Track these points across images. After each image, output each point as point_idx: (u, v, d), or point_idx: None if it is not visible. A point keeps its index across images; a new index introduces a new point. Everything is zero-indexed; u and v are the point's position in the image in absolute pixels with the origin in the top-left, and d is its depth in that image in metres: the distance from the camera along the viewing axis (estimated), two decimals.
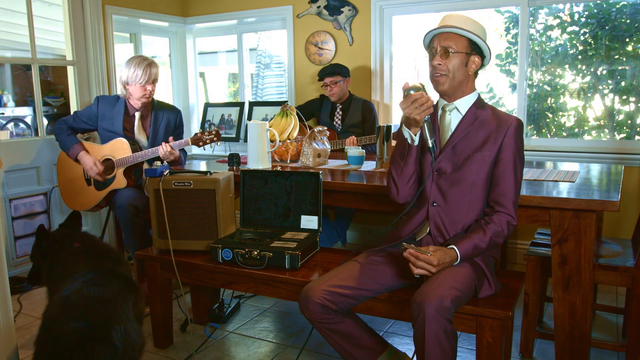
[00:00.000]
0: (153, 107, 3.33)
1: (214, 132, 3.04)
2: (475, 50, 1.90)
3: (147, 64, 3.15)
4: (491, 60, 1.99)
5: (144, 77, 3.13)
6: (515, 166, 1.89)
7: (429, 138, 1.87)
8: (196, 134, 3.05)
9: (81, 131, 3.36)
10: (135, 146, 3.17)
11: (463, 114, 1.94)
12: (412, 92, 1.81)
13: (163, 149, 3.04)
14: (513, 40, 4.07)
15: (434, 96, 1.95)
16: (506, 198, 1.88)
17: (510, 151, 1.88)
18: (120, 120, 3.24)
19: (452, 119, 1.96)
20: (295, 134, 3.20)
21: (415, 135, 1.88)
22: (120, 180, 3.15)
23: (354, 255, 2.08)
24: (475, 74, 1.97)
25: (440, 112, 1.99)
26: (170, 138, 3.12)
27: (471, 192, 1.91)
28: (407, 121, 1.85)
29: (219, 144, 3.09)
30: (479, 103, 1.95)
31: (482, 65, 1.95)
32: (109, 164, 3.19)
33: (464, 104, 1.94)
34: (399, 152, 1.95)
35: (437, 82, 1.91)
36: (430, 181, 1.95)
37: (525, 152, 3.78)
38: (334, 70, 3.74)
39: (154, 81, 3.18)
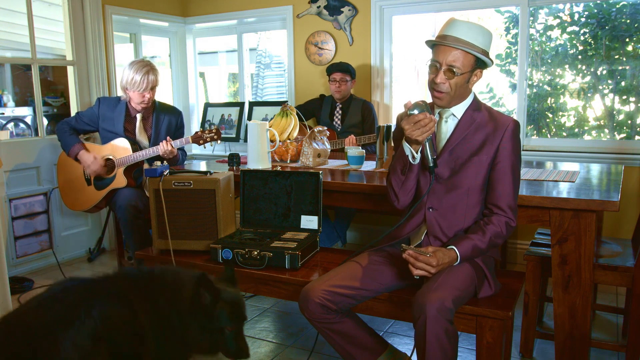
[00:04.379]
0: (155, 109, 3.33)
1: (214, 131, 3.05)
2: (480, 65, 1.86)
3: (146, 71, 3.11)
4: (492, 64, 1.96)
5: (142, 84, 3.11)
6: (512, 168, 1.88)
7: (430, 157, 1.85)
8: (197, 132, 3.07)
9: (83, 132, 3.37)
10: (136, 147, 3.18)
11: (459, 118, 1.93)
12: (415, 111, 1.78)
13: (163, 147, 3.06)
14: (513, 40, 4.07)
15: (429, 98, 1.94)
16: (504, 201, 1.87)
17: (508, 154, 1.87)
18: (121, 122, 3.24)
19: (449, 124, 1.95)
20: (295, 134, 3.20)
21: (417, 152, 1.86)
22: (120, 180, 3.15)
23: (354, 256, 2.08)
24: None
25: (437, 117, 1.97)
26: (168, 138, 3.13)
27: (468, 196, 1.91)
28: (409, 139, 1.83)
29: (219, 142, 3.10)
30: (475, 105, 1.94)
31: None
32: (109, 164, 3.19)
33: (460, 108, 1.93)
34: (400, 166, 1.92)
35: (437, 98, 1.88)
36: (426, 184, 1.95)
37: (525, 152, 3.81)
38: (347, 68, 3.75)
39: (152, 88, 3.16)
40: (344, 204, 2.56)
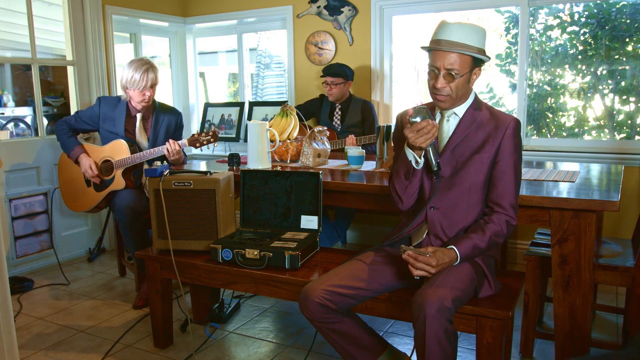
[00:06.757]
0: (154, 109, 3.32)
1: (210, 134, 3.01)
2: (478, 63, 1.86)
3: (145, 69, 3.09)
4: (490, 60, 1.97)
5: (142, 82, 3.09)
6: (514, 167, 1.88)
7: (433, 161, 1.85)
8: (193, 135, 3.03)
9: (82, 131, 3.35)
10: (134, 147, 3.17)
11: (460, 117, 1.93)
12: (418, 118, 1.79)
13: (171, 147, 3.04)
14: (513, 40, 4.07)
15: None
16: (505, 199, 1.88)
17: (509, 152, 1.87)
18: (122, 122, 3.23)
19: (451, 123, 1.95)
20: (295, 134, 3.20)
21: (420, 157, 1.87)
22: (119, 182, 3.14)
23: (354, 255, 2.08)
24: None
25: (438, 117, 1.98)
26: (170, 140, 3.11)
27: (469, 194, 1.91)
28: (412, 146, 1.84)
29: (216, 144, 3.08)
30: (476, 104, 1.95)
31: None
32: (107, 165, 3.19)
33: (462, 107, 1.94)
34: (403, 170, 1.92)
35: (439, 101, 1.89)
36: (430, 187, 1.95)
37: (525, 152, 3.81)
38: (337, 72, 3.73)
39: (152, 86, 3.14)
40: (344, 204, 2.56)
